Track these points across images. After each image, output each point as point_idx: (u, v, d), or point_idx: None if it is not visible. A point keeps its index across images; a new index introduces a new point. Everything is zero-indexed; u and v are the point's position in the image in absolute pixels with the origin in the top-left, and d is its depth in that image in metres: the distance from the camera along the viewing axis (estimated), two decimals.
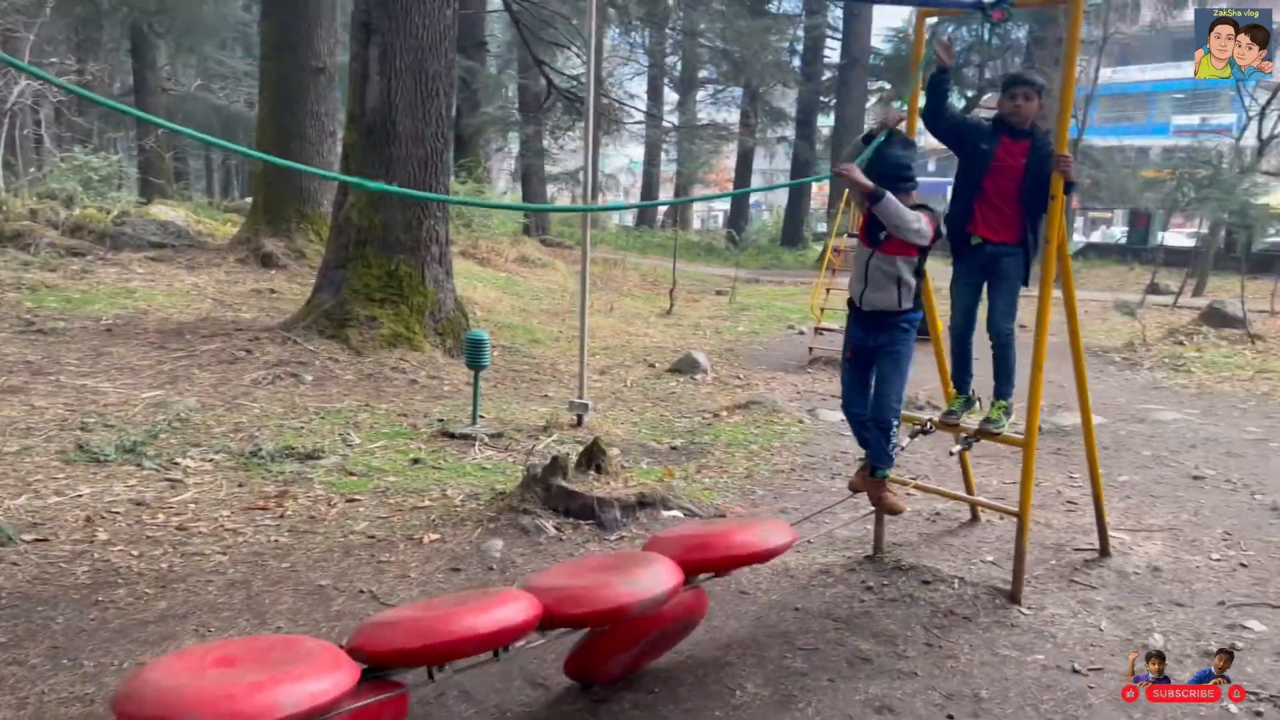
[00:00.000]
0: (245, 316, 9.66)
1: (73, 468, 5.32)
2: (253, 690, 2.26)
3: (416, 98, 8.70)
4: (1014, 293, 4.41)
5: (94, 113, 21.59)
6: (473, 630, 2.62)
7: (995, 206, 4.31)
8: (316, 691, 2.31)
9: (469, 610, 2.69)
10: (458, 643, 2.62)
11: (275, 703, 2.24)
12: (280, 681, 2.30)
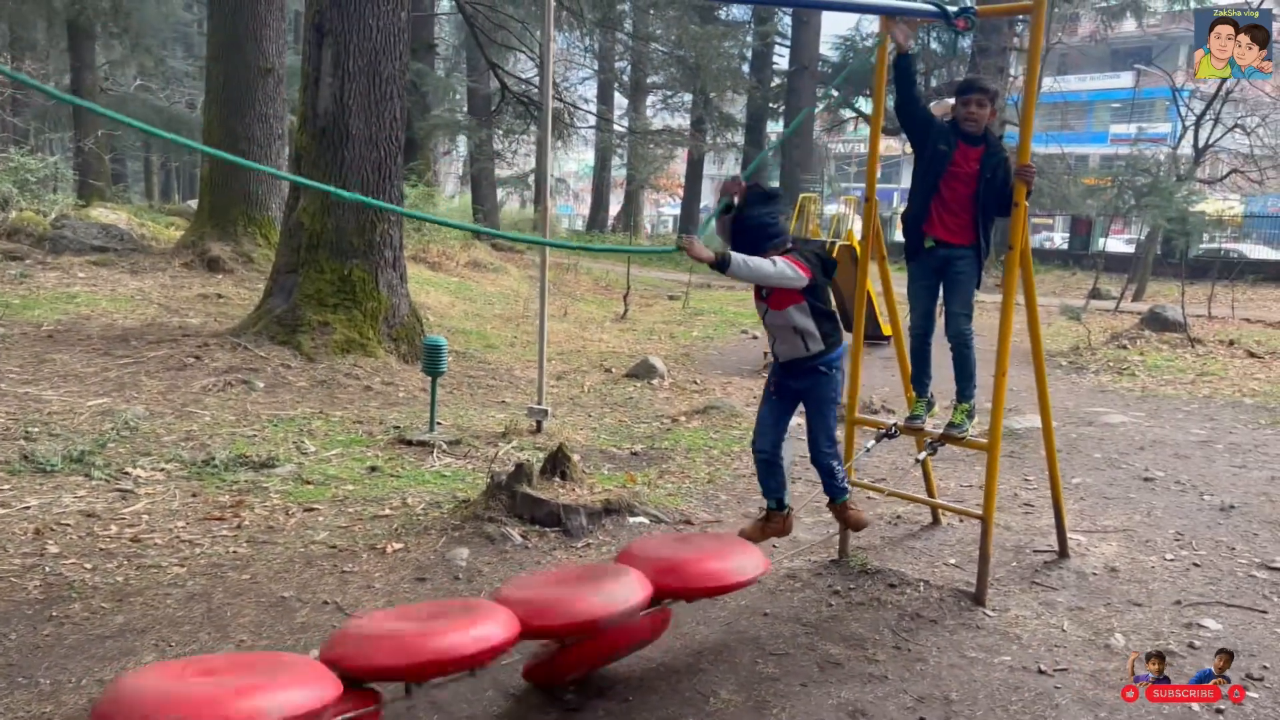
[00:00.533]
0: (193, 322, 9.45)
1: (18, 478, 5.15)
2: (240, 694, 2.21)
3: (370, 100, 8.59)
4: (969, 294, 4.49)
5: (29, 113, 21.01)
6: (457, 650, 2.58)
7: (951, 209, 4.38)
8: (300, 701, 2.26)
9: (451, 628, 2.65)
10: (441, 662, 2.58)
11: (261, 709, 2.19)
12: (265, 689, 2.26)
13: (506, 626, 2.74)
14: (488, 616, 2.75)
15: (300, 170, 8.88)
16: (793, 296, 3.88)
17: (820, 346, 3.97)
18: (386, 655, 2.56)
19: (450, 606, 2.97)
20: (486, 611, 2.80)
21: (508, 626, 2.74)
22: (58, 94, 2.90)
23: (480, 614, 2.77)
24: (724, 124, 28.55)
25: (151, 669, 2.41)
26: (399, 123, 8.96)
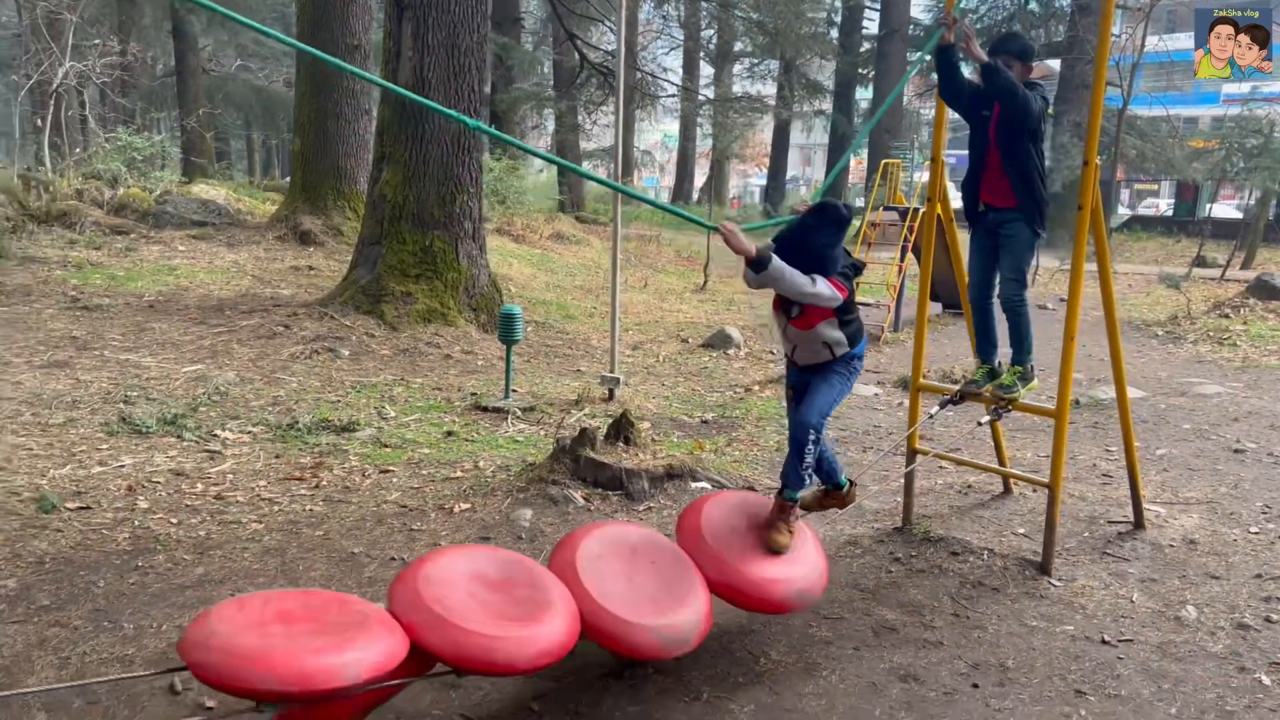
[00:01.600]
0: (284, 293, 9.80)
1: (115, 439, 5.45)
2: (320, 651, 2.44)
3: (449, 73, 8.72)
4: (1018, 259, 4.35)
5: (136, 94, 21.90)
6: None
7: (994, 173, 4.31)
8: (376, 662, 2.47)
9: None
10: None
11: (339, 668, 2.42)
12: (341, 648, 2.44)
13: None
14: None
15: (382, 144, 9.09)
16: (823, 313, 3.68)
17: (845, 349, 3.78)
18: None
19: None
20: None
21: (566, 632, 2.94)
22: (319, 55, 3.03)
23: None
24: (810, 91, 28.06)
25: (232, 608, 2.56)
26: (478, 95, 9.08)
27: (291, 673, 2.38)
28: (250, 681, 2.35)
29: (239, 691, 2.37)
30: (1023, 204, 4.25)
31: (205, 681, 2.39)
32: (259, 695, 2.39)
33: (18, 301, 8.39)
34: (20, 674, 3.14)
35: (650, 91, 20.93)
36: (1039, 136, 4.20)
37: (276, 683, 2.36)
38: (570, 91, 21.85)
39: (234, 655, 2.38)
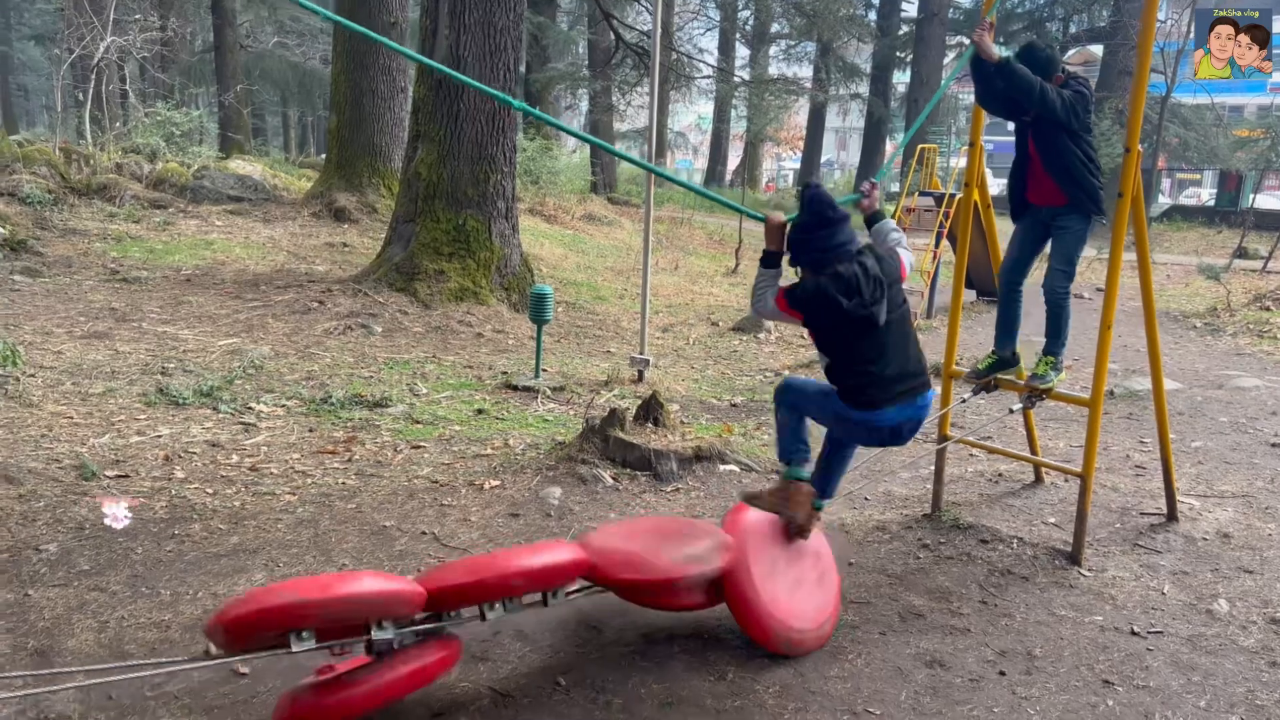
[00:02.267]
0: (319, 269, 9.88)
1: (153, 410, 5.54)
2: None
3: (485, 51, 8.72)
4: (1070, 250, 4.29)
5: (175, 69, 22.09)
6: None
7: (1037, 175, 4.26)
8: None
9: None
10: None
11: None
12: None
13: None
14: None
15: (417, 122, 9.13)
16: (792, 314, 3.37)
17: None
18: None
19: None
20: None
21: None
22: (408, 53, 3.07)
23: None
24: (847, 74, 27.78)
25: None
26: (513, 74, 9.08)
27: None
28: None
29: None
30: (1073, 200, 4.18)
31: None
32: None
33: (59, 273, 8.53)
34: (61, 636, 3.22)
35: (685, 72, 20.80)
36: (1079, 129, 4.09)
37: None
38: (605, 71, 21.80)
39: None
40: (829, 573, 3.63)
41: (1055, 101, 3.99)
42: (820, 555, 3.66)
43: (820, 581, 3.56)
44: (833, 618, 3.50)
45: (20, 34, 33.52)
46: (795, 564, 3.53)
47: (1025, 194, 4.36)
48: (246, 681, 3.05)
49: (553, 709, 2.99)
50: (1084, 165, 4.12)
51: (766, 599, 3.31)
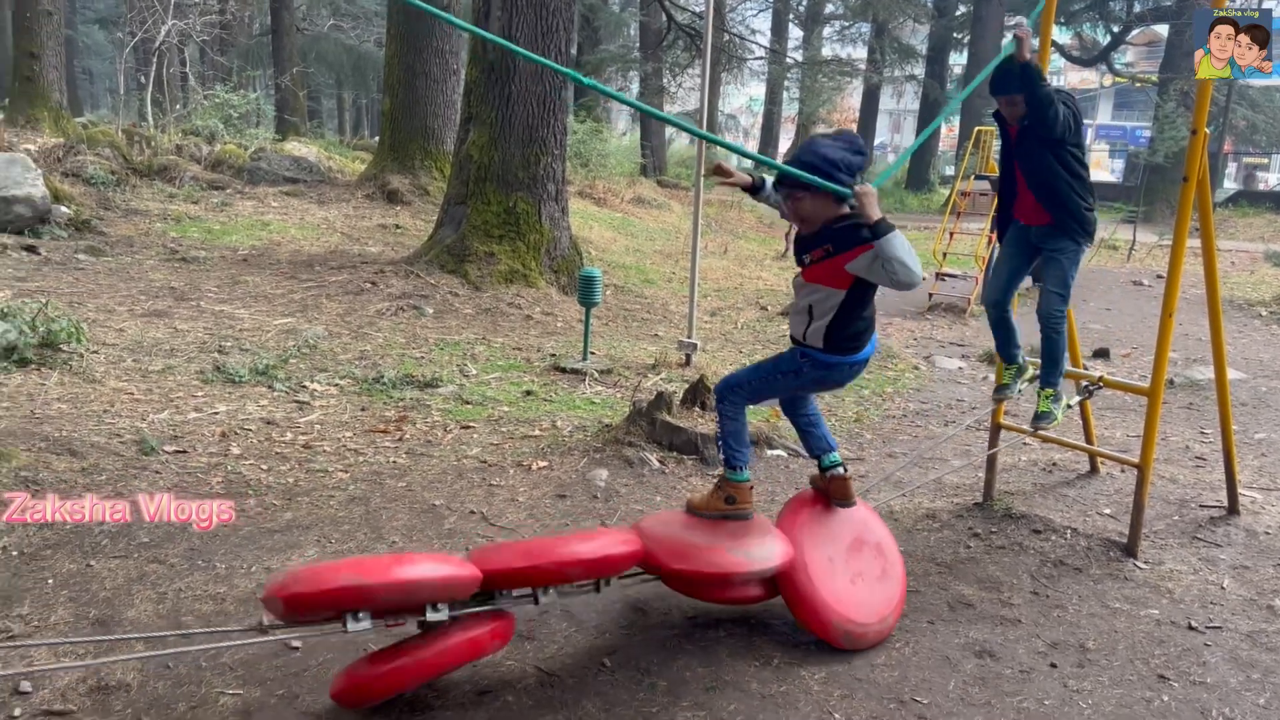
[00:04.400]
0: (371, 250, 10.00)
1: (210, 387, 5.66)
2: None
3: (536, 33, 8.72)
4: (1064, 272, 4.04)
5: (234, 52, 22.42)
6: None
7: (1022, 194, 4.08)
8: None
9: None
10: None
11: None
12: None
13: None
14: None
15: (469, 104, 9.17)
16: (836, 281, 3.14)
17: (818, 342, 3.23)
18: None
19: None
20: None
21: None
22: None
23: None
24: (902, 55, 27.33)
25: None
26: (564, 56, 9.07)
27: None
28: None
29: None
30: (1057, 219, 3.97)
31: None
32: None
33: (121, 252, 8.73)
34: (121, 606, 3.30)
35: (737, 54, 20.64)
36: (1065, 146, 3.87)
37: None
38: (656, 53, 21.69)
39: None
40: (893, 567, 3.57)
41: (1062, 122, 3.79)
42: (883, 549, 3.59)
43: (883, 576, 3.50)
44: (896, 612, 3.45)
45: (85, 18, 34.26)
46: (855, 558, 3.49)
47: (1011, 214, 4.17)
48: (299, 655, 3.11)
49: (598, 689, 3.01)
50: (1069, 184, 3.89)
51: (825, 594, 3.29)
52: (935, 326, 9.84)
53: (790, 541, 3.32)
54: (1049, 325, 4.13)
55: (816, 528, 3.47)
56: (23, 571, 3.46)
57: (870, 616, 3.34)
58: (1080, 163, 3.94)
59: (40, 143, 11.15)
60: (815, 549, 3.39)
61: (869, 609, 3.35)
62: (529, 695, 2.96)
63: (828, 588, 3.31)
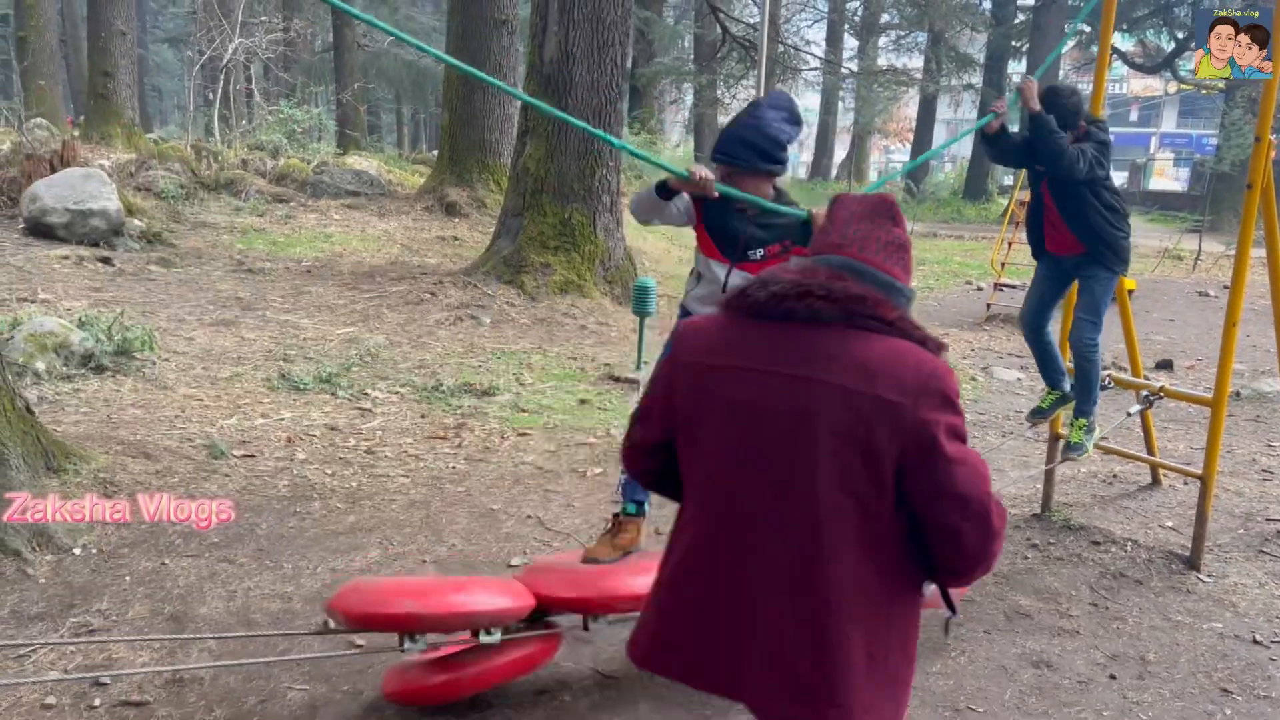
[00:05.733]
0: (430, 261, 10.18)
1: (276, 394, 5.82)
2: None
3: (593, 47, 8.84)
4: (1096, 300, 4.04)
5: (297, 68, 22.97)
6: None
7: (1054, 226, 4.08)
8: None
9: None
10: None
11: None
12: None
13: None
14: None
15: (526, 118, 9.31)
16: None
17: None
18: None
19: None
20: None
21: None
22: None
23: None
24: (960, 64, 27.06)
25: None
26: (620, 69, 9.17)
27: None
28: None
29: None
30: (1091, 250, 3.96)
31: None
32: None
33: (190, 263, 9.00)
34: (194, 603, 3.43)
35: (792, 65, 20.61)
36: (1097, 179, 3.87)
37: None
38: (710, 65, 21.77)
39: None
40: None
41: (1080, 166, 3.80)
42: None
43: None
44: None
45: (155, 37, 35.37)
46: None
47: (1044, 243, 4.17)
48: (361, 654, 3.20)
49: (654, 692, 3.05)
50: (1103, 216, 3.90)
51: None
52: (993, 337, 9.74)
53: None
54: (1080, 354, 4.13)
55: None
56: (102, 569, 3.61)
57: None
58: (1112, 192, 3.95)
59: (114, 158, 11.55)
60: None
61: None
62: (586, 696, 3.02)
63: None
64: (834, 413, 1.65)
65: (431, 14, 29.16)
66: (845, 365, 1.66)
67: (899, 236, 1.80)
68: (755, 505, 1.71)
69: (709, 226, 3.14)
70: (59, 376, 5.52)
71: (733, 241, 3.10)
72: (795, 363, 1.69)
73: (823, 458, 1.65)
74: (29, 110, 14.48)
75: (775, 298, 1.72)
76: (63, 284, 7.65)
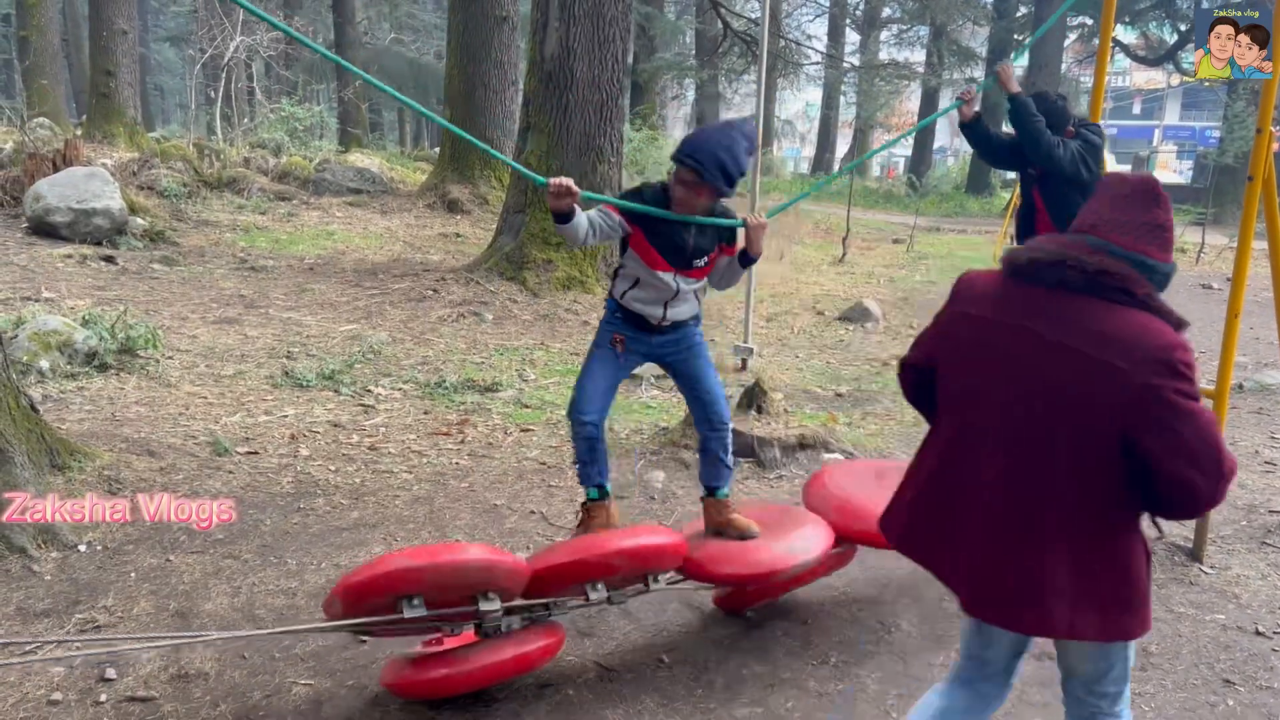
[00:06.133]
0: (433, 258, 10.19)
1: (279, 391, 5.84)
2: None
3: (594, 43, 8.83)
4: None
5: (299, 66, 22.98)
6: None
7: (1046, 226, 4.09)
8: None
9: None
10: None
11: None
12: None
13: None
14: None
15: (528, 114, 9.31)
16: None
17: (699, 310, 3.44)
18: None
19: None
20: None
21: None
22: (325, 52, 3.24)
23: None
24: (962, 57, 27.02)
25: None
26: (620, 65, 9.17)
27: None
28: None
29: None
30: None
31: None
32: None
33: (193, 261, 9.02)
34: (199, 599, 3.44)
35: (793, 59, 20.60)
36: (1089, 181, 3.88)
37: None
38: (712, 60, 21.75)
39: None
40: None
41: (1062, 155, 3.80)
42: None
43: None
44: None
45: (156, 36, 35.37)
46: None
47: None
48: (366, 648, 3.21)
49: (656, 685, 3.06)
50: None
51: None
52: None
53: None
54: None
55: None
56: (107, 566, 3.63)
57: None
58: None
59: (116, 157, 11.57)
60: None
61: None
62: (589, 689, 3.03)
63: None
64: (1067, 371, 1.94)
65: (433, 11, 29.20)
66: (1085, 330, 1.94)
67: (1157, 217, 2.04)
68: (993, 430, 2.06)
69: (651, 239, 3.17)
70: (63, 375, 5.54)
71: (679, 251, 3.19)
72: (1040, 321, 2.00)
73: (1054, 406, 1.96)
74: (31, 109, 14.50)
75: (1033, 263, 2.04)
76: (66, 283, 7.66)
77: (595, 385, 3.31)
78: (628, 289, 3.29)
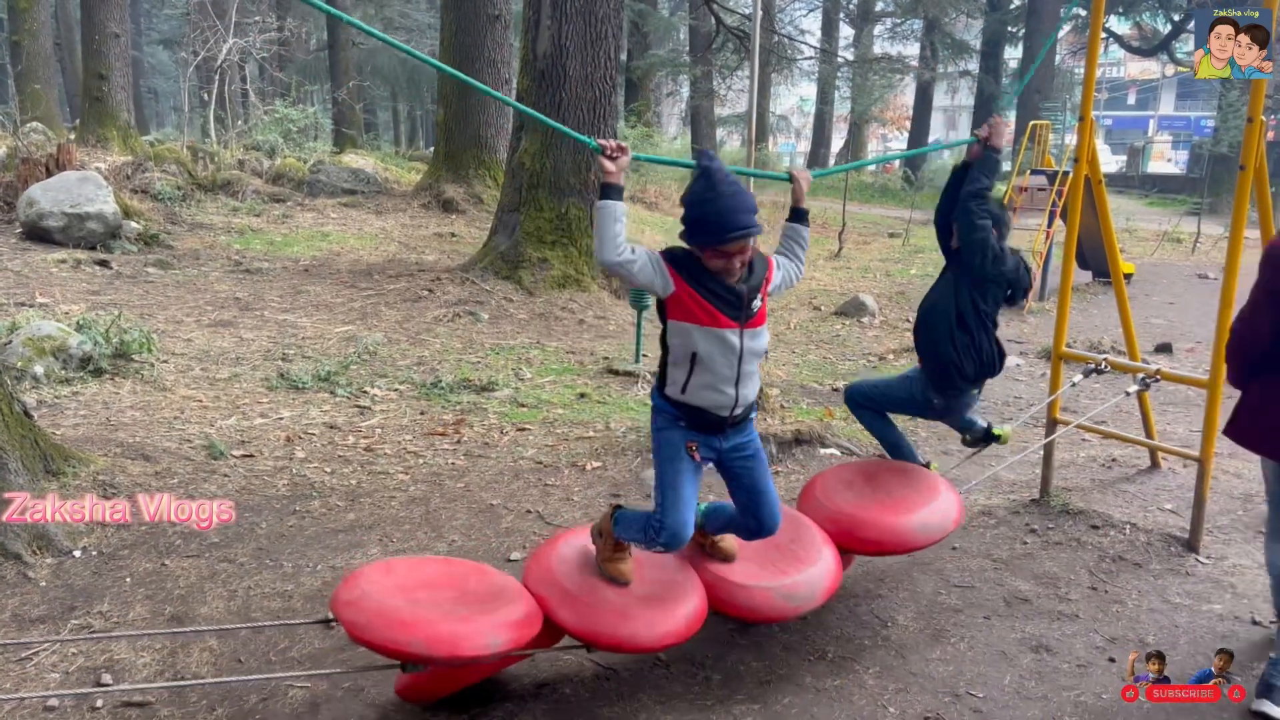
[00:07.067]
0: (428, 258, 10.18)
1: (275, 393, 5.83)
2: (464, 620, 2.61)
3: (586, 40, 8.83)
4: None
5: (292, 67, 22.95)
6: None
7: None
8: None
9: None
10: None
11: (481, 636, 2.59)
12: (474, 621, 2.62)
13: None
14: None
15: (521, 112, 9.30)
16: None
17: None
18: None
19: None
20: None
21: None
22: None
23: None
24: (956, 50, 27.02)
25: (380, 572, 2.76)
26: (613, 62, 9.16)
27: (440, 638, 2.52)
28: (401, 644, 2.49)
29: (387, 651, 2.51)
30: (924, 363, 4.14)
31: (357, 640, 2.55)
32: (406, 656, 2.51)
33: (188, 264, 9.01)
34: (194, 603, 3.44)
35: (787, 54, 20.59)
36: (989, 278, 4.11)
37: (424, 647, 2.49)
38: (705, 56, 21.73)
39: (384, 617, 2.53)
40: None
41: (992, 249, 3.87)
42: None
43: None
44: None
45: (149, 39, 35.31)
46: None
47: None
48: (364, 649, 3.20)
49: (654, 683, 3.06)
50: (949, 338, 4.13)
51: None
52: None
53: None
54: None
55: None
56: (102, 570, 3.62)
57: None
58: (991, 318, 4.22)
59: (110, 161, 11.55)
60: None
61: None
62: (586, 688, 3.03)
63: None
64: None
65: (426, 10, 29.15)
66: None
67: None
68: None
69: (704, 293, 2.72)
70: (57, 380, 5.53)
71: (737, 299, 2.75)
72: None
73: None
74: (24, 114, 14.47)
75: None
76: (60, 287, 7.65)
77: (690, 506, 2.89)
78: (686, 379, 2.79)
